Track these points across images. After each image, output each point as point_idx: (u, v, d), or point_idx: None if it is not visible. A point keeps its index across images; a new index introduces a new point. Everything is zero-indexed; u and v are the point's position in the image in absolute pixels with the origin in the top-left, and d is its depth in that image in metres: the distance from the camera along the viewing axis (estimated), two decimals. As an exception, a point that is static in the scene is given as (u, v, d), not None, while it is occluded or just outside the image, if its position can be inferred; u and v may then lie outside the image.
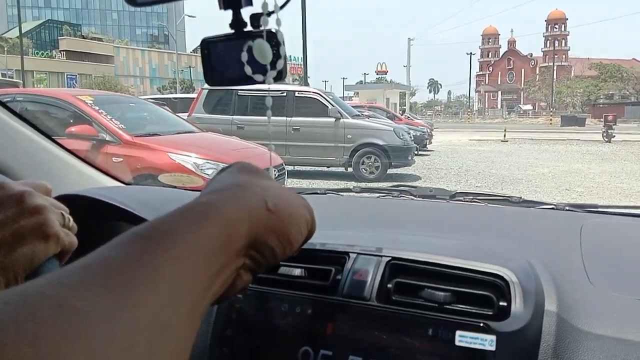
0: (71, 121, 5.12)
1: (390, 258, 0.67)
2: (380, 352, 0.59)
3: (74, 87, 43.50)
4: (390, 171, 9.27)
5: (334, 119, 9.03)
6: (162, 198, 1.04)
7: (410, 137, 9.74)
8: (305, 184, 8.37)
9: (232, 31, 0.60)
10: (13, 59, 38.94)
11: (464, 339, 0.55)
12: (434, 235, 0.84)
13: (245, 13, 0.60)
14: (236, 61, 0.58)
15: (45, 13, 71.82)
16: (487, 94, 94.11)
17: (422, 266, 0.65)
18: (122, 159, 4.82)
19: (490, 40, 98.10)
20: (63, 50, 52.21)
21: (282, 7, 0.55)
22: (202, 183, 4.25)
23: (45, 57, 50.02)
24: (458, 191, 1.21)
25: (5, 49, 43.17)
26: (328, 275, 0.67)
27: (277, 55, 0.58)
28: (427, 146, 15.65)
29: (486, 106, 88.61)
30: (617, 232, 0.94)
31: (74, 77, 46.72)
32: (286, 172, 5.88)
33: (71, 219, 0.56)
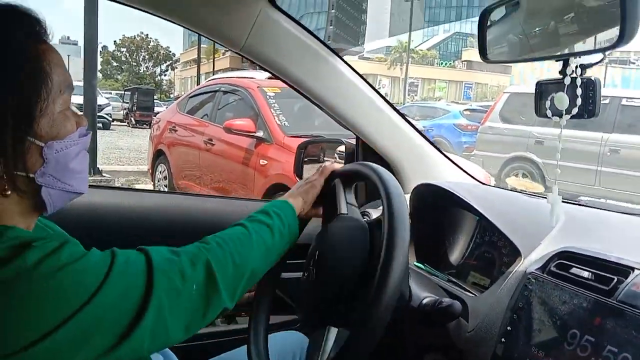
0: (244, 112, 4.74)
1: None
2: (634, 349, 0.70)
3: (469, 96, 46.65)
4: None
5: None
6: (504, 201, 1.29)
7: None
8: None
9: (561, 77, 0.83)
10: (417, 69, 44.84)
11: None
12: None
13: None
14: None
15: (454, 26, 79.11)
16: None
17: None
18: (267, 162, 4.24)
19: None
20: (465, 61, 56.45)
21: (585, 67, 0.73)
22: (542, 190, 3.97)
23: (447, 67, 55.32)
24: None
25: (415, 59, 49.93)
26: (609, 281, 0.79)
27: (593, 98, 0.78)
28: None
29: None
30: None
31: (471, 86, 50.15)
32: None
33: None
